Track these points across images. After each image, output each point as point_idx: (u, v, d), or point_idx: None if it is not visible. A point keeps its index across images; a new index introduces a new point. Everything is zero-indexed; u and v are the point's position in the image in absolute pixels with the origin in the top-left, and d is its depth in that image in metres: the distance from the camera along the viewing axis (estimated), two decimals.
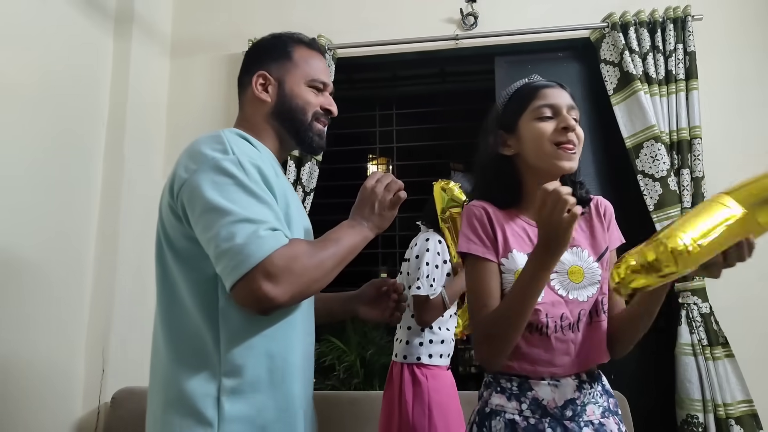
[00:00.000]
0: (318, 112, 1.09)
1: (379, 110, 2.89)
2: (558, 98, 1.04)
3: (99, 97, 2.38)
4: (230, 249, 0.84)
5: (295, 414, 0.94)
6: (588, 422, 0.98)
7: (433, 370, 1.59)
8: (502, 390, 1.01)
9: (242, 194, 0.88)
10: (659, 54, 2.29)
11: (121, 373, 2.28)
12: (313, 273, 0.89)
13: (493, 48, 2.54)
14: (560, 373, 1.00)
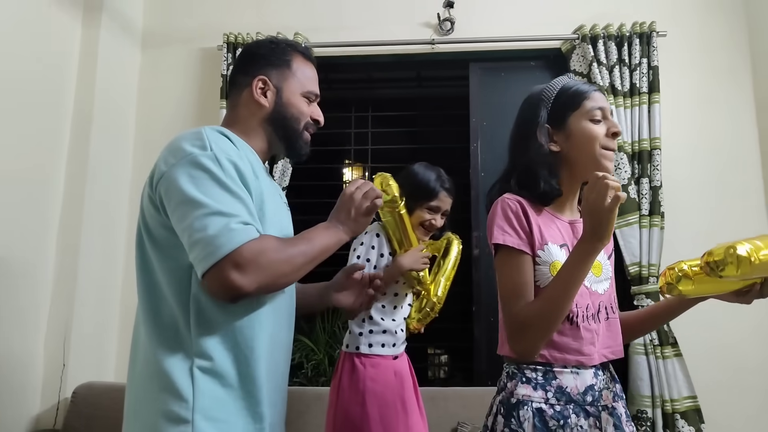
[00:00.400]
0: (308, 122, 1.15)
1: (355, 112, 2.91)
2: (605, 103, 1.11)
3: (65, 86, 2.33)
4: (202, 239, 0.89)
5: (259, 400, 0.99)
6: (604, 407, 1.05)
7: (373, 359, 1.59)
8: (528, 380, 1.05)
9: (217, 188, 0.93)
10: (625, 67, 2.38)
11: (83, 367, 2.23)
12: (280, 267, 0.94)
13: (468, 54, 2.60)
14: (586, 363, 1.05)
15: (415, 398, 1.67)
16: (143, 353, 0.99)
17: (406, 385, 1.63)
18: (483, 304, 2.42)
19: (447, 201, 1.73)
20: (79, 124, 2.34)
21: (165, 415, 0.92)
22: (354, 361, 1.61)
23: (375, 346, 1.61)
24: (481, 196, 2.51)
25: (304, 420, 2.05)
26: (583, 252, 0.95)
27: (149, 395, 0.95)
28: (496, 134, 2.55)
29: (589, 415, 1.02)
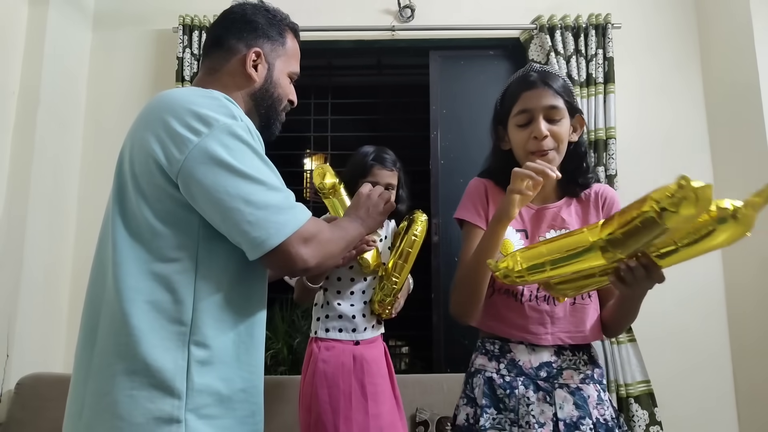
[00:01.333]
0: (286, 105, 1.13)
1: (315, 99, 2.88)
2: (535, 101, 1.11)
3: (9, 66, 2.22)
4: (267, 217, 0.87)
5: (256, 385, 0.97)
6: (563, 385, 1.08)
7: (328, 343, 1.61)
8: (486, 352, 1.15)
9: (261, 163, 0.91)
10: (581, 57, 2.43)
11: (28, 358, 2.14)
12: (332, 246, 0.98)
13: (428, 42, 2.60)
14: (534, 342, 1.10)
15: (390, 386, 1.65)
16: (121, 343, 0.86)
17: (371, 371, 1.60)
18: (442, 291, 2.43)
19: (383, 174, 1.69)
20: (24, 105, 2.24)
21: (149, 414, 0.83)
22: (312, 345, 1.64)
23: (332, 330, 1.62)
24: (440, 184, 2.52)
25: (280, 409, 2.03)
26: (490, 228, 1.07)
27: (130, 394, 0.84)
28: (456, 122, 2.57)
29: (539, 389, 1.07)
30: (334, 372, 1.56)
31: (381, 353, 1.68)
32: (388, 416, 1.60)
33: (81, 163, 2.49)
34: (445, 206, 2.49)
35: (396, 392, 1.67)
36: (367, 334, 1.66)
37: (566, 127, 1.12)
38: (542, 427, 1.04)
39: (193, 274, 0.89)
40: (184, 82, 2.38)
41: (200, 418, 0.86)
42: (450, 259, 2.44)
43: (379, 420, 1.58)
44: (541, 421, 1.05)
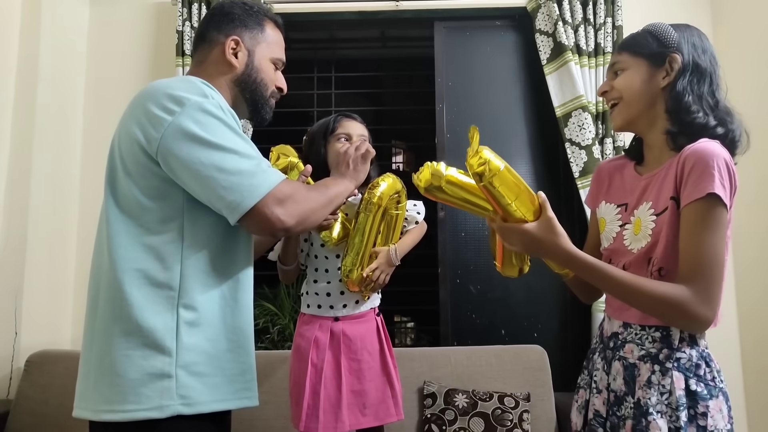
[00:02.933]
0: (274, 90, 1.18)
1: (318, 73, 2.83)
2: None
3: (6, 41, 2.18)
4: (238, 182, 0.94)
5: (243, 346, 1.03)
6: (622, 358, 1.06)
7: (304, 317, 1.65)
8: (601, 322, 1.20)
9: (232, 134, 0.97)
10: (590, 26, 2.37)
11: (37, 335, 2.15)
12: (312, 203, 1.04)
13: (433, 12, 2.54)
14: (611, 314, 1.13)
15: (381, 363, 1.62)
16: (117, 307, 0.95)
17: (352, 347, 1.58)
18: (448, 266, 2.42)
19: (351, 124, 1.65)
20: (23, 82, 2.21)
21: (143, 371, 0.92)
22: (298, 320, 1.67)
23: (312, 306, 1.63)
24: (447, 157, 2.48)
25: (270, 383, 2.04)
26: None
27: (124, 354, 0.93)
28: (462, 95, 2.52)
29: (604, 358, 1.11)
30: (306, 346, 1.57)
31: (370, 329, 1.63)
32: (375, 393, 1.58)
33: (82, 140, 2.46)
34: None
35: (389, 370, 1.62)
36: (347, 310, 1.61)
37: (631, 77, 1.07)
38: (599, 393, 1.09)
39: (180, 243, 0.97)
40: (184, 56, 2.33)
41: (190, 374, 0.94)
42: (456, 234, 2.42)
43: (363, 397, 1.57)
44: (600, 387, 1.09)
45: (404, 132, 3.15)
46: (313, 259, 1.66)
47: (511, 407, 1.97)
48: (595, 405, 1.09)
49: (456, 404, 1.98)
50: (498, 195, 0.96)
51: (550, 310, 2.40)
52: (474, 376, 2.08)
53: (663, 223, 1.00)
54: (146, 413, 0.90)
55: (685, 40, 1.06)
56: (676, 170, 0.99)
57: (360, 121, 1.69)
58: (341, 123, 1.66)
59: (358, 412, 1.55)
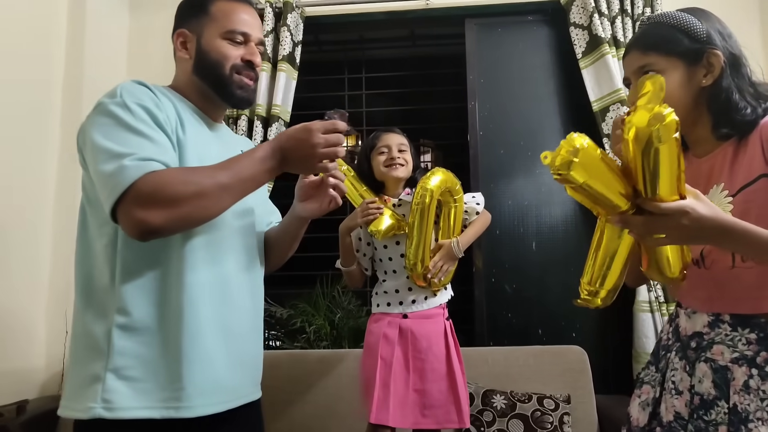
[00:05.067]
0: (237, 65, 1.09)
1: (348, 74, 2.84)
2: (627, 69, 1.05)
3: (53, 54, 2.27)
4: (104, 182, 0.91)
5: (186, 353, 0.96)
6: (709, 359, 0.98)
7: (376, 316, 1.70)
8: (669, 316, 1.17)
9: (122, 131, 0.93)
10: (627, 18, 2.30)
11: None
12: (188, 198, 0.90)
13: (464, 9, 2.51)
14: (696, 306, 1.04)
15: (446, 366, 1.63)
16: (75, 315, 1.02)
17: (419, 346, 1.62)
18: (483, 266, 2.40)
19: (389, 137, 1.73)
20: (69, 94, 2.29)
21: (86, 373, 0.95)
22: (369, 320, 1.73)
23: (381, 305, 1.70)
24: (480, 156, 2.46)
25: (307, 382, 2.07)
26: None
27: (76, 355, 0.99)
28: (495, 92, 2.49)
29: (684, 358, 1.04)
30: (375, 342, 1.62)
31: (437, 331, 1.66)
32: (437, 395, 1.59)
33: None
34: (485, 178, 2.44)
35: (455, 375, 1.62)
36: (416, 306, 1.67)
37: (668, 81, 0.94)
38: (680, 395, 1.02)
39: (115, 247, 0.97)
40: None
41: (119, 378, 0.93)
42: (491, 232, 2.39)
43: (424, 397, 1.59)
44: (680, 389, 1.03)
45: (435, 130, 3.12)
46: (379, 263, 1.74)
47: (551, 409, 1.94)
48: (675, 407, 1.02)
49: (494, 405, 1.96)
50: (663, 164, 0.77)
51: (588, 310, 2.33)
52: (512, 376, 2.06)
53: (745, 201, 0.93)
54: (75, 413, 0.94)
55: (714, 30, 0.99)
56: (761, 145, 0.93)
57: (398, 132, 1.76)
58: (380, 137, 1.74)
59: (418, 411, 1.58)
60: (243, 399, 1.07)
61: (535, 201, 2.41)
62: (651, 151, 0.76)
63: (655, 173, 0.77)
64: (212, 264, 1.02)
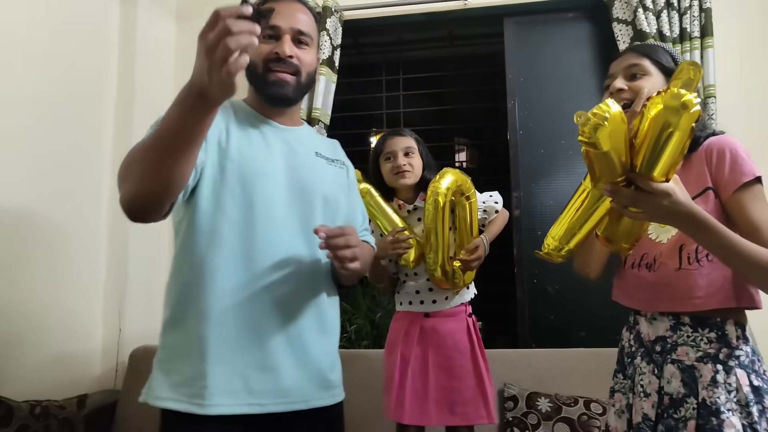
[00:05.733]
0: (269, 60, 1.08)
1: (386, 75, 2.86)
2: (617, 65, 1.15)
3: (107, 62, 2.38)
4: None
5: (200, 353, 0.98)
6: (675, 360, 1.06)
7: (398, 315, 1.73)
8: (627, 324, 1.21)
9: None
10: (674, 11, 2.23)
11: (138, 333, 2.33)
12: (128, 170, 0.89)
13: (502, 8, 2.50)
14: (642, 308, 1.13)
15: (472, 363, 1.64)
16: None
17: (443, 344, 1.62)
18: (525, 266, 2.38)
19: (393, 141, 1.70)
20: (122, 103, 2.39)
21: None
22: (393, 319, 1.76)
23: (404, 304, 1.72)
24: (520, 155, 2.44)
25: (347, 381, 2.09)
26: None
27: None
28: (535, 90, 2.46)
29: (651, 361, 1.10)
30: (396, 340, 1.65)
31: (460, 328, 1.66)
32: (467, 392, 1.60)
33: None
34: (525, 178, 2.41)
35: (481, 371, 1.63)
36: (437, 306, 1.67)
37: (652, 83, 1.10)
38: (648, 397, 1.08)
39: (176, 248, 1.07)
40: None
41: (159, 370, 1.02)
42: (532, 232, 2.37)
43: (453, 394, 1.59)
44: (648, 391, 1.08)
45: (473, 130, 3.11)
46: (400, 267, 1.74)
47: (599, 413, 1.90)
48: (643, 408, 1.08)
49: (539, 408, 1.94)
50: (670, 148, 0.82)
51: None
52: (556, 379, 2.03)
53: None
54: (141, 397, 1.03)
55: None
56: (705, 163, 1.06)
57: (405, 134, 1.73)
58: (385, 142, 1.73)
59: (446, 409, 1.58)
60: (293, 404, 1.03)
61: None
62: (665, 133, 0.81)
63: (660, 154, 0.83)
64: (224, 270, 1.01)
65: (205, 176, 1.03)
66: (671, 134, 0.81)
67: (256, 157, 1.06)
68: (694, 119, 0.81)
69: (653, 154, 0.83)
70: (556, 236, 1.10)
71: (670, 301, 1.07)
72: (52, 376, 2.02)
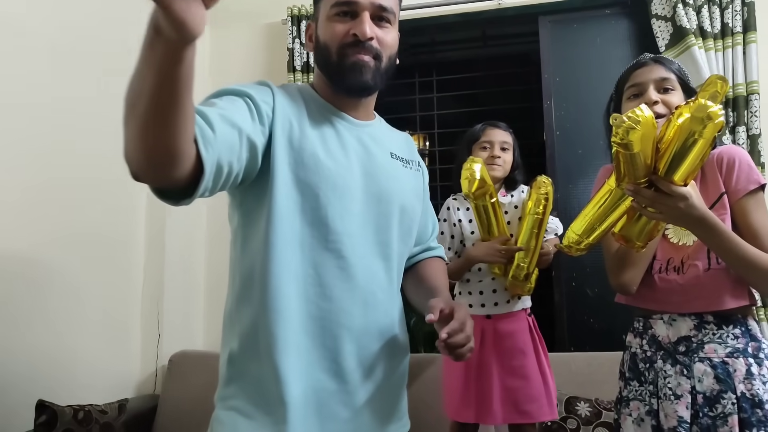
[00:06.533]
0: (345, 43, 0.90)
1: (419, 77, 2.86)
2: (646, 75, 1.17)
3: None
4: None
5: (284, 419, 0.82)
6: (704, 358, 1.07)
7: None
8: (633, 330, 1.21)
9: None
10: (715, 6, 2.18)
11: (176, 337, 2.37)
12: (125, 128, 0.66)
13: (537, 7, 2.46)
14: (671, 310, 1.13)
15: (536, 362, 1.65)
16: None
17: (505, 345, 1.64)
18: (562, 269, 2.34)
19: (493, 132, 1.74)
20: None
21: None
22: None
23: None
24: (557, 156, 2.40)
25: None
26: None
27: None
28: (572, 90, 2.42)
29: (677, 363, 1.09)
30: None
31: (522, 328, 1.68)
32: (530, 391, 1.61)
33: None
34: (563, 179, 2.37)
35: (544, 369, 1.66)
36: (499, 308, 1.67)
37: (679, 99, 1.12)
38: (679, 399, 1.06)
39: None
40: (295, 72, 2.46)
41: (224, 408, 0.88)
42: None
43: (517, 393, 1.61)
44: (678, 393, 1.07)
45: None
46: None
47: None
48: (678, 411, 1.06)
49: (578, 413, 1.91)
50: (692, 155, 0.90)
51: None
52: (596, 383, 1.99)
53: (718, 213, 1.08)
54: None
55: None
56: (717, 170, 1.12)
57: (504, 129, 1.76)
58: (485, 131, 1.75)
59: (512, 408, 1.60)
60: None
61: None
62: (690, 140, 0.88)
63: (682, 160, 0.90)
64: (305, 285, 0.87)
65: (278, 178, 0.85)
66: (695, 142, 0.88)
67: (335, 170, 0.89)
68: (718, 130, 0.88)
69: (676, 160, 0.90)
70: (578, 230, 1.12)
71: (702, 301, 1.09)
72: (94, 381, 2.05)
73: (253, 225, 0.89)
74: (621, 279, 1.17)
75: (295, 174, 0.87)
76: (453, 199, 1.81)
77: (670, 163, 0.91)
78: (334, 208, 0.88)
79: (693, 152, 0.89)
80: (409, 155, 1.07)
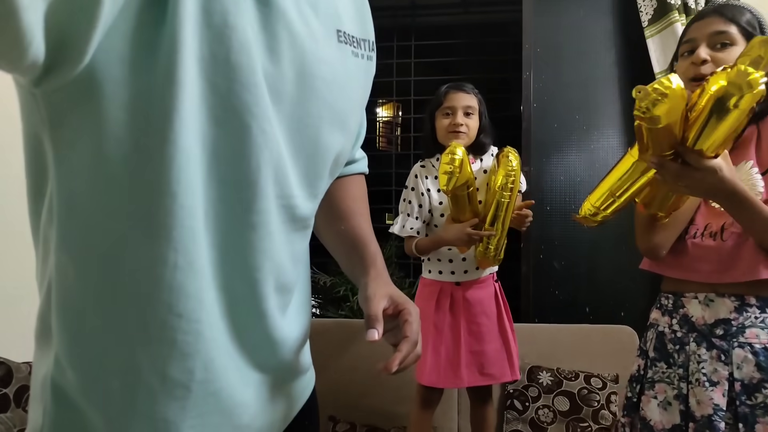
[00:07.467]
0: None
1: (397, 41, 2.78)
2: (701, 30, 1.05)
3: None
4: None
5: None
6: (745, 344, 0.98)
7: (426, 281, 1.73)
8: (660, 306, 1.14)
9: None
10: None
11: None
12: None
13: None
14: (697, 279, 1.05)
15: (498, 327, 1.68)
16: None
17: (473, 311, 1.65)
18: (532, 242, 2.36)
19: (456, 97, 1.65)
20: None
21: None
22: (420, 284, 1.77)
23: (433, 272, 1.72)
24: (533, 129, 2.38)
25: (354, 350, 2.10)
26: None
27: None
28: (552, 62, 2.39)
29: (713, 347, 1.01)
30: (426, 308, 1.63)
31: (488, 294, 1.70)
32: (493, 355, 1.65)
33: None
34: (537, 152, 2.37)
35: (507, 333, 1.69)
36: (468, 275, 1.68)
37: (737, 55, 0.98)
38: (715, 386, 0.99)
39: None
40: None
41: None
42: (541, 208, 2.34)
43: (482, 357, 1.65)
44: (714, 380, 1.00)
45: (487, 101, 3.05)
46: (433, 229, 1.71)
47: (598, 388, 1.92)
48: (713, 399, 0.99)
49: (540, 381, 1.95)
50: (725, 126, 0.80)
51: (637, 289, 2.28)
52: (558, 354, 2.04)
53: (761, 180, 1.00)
54: None
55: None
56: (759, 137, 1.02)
57: (468, 91, 1.67)
58: (447, 96, 1.67)
59: (476, 371, 1.64)
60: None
61: (588, 177, 2.33)
62: (723, 110, 0.78)
63: (713, 131, 0.80)
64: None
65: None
66: (728, 113, 0.77)
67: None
68: (757, 99, 0.77)
69: (708, 131, 0.80)
70: (595, 202, 1.06)
71: (735, 272, 0.99)
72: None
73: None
74: (651, 242, 1.09)
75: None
76: (421, 166, 1.74)
77: (701, 134, 0.81)
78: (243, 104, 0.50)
79: (727, 123, 0.79)
80: (362, 33, 0.63)
